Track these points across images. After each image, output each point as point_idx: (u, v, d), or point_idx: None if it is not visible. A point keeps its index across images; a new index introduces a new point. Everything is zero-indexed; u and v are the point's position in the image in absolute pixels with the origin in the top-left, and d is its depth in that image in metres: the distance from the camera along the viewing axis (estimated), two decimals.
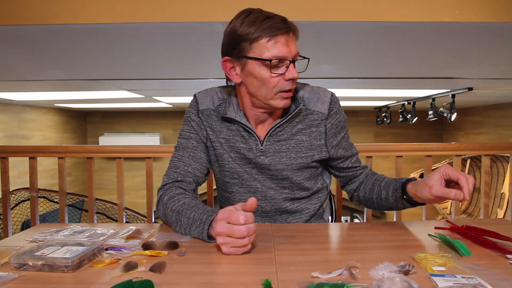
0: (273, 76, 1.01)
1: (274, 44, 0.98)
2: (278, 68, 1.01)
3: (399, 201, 1.09)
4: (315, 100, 1.14)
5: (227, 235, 0.82)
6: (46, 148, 2.23)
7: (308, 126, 1.14)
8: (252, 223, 0.83)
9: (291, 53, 1.01)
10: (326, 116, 1.14)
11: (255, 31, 0.98)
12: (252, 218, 0.83)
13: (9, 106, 5.14)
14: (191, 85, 3.42)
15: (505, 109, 5.35)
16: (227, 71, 1.07)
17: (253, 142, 1.13)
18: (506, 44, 1.92)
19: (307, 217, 1.20)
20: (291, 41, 1.01)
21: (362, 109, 7.21)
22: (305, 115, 1.14)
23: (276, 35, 0.98)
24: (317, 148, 1.15)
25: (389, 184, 1.12)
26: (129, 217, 4.15)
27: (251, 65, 1.01)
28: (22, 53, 2.09)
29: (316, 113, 1.13)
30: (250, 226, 0.82)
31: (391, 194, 1.11)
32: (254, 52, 1.00)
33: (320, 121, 1.13)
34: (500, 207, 4.56)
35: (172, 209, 1.01)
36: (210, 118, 1.16)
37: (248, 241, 0.82)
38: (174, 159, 1.15)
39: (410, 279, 0.65)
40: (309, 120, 1.14)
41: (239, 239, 0.81)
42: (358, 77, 3.08)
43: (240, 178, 1.16)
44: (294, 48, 1.01)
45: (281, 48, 0.99)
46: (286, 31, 0.99)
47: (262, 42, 0.99)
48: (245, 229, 0.81)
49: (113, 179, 6.92)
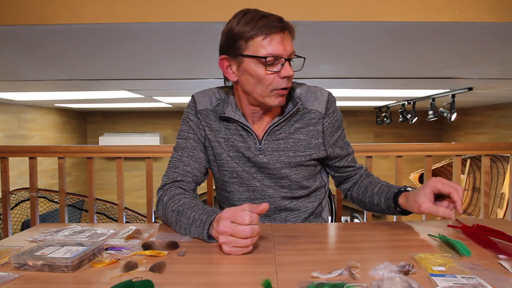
0: (268, 74, 1.02)
1: (270, 42, 1.00)
2: (273, 66, 1.02)
3: (390, 209, 1.12)
4: (312, 99, 1.15)
5: (230, 235, 0.82)
6: (46, 148, 2.23)
7: (305, 125, 1.15)
8: (256, 224, 0.83)
9: (287, 52, 1.01)
10: (323, 115, 1.15)
11: (250, 29, 1.00)
12: (257, 220, 0.83)
13: (9, 106, 5.14)
14: (191, 85, 3.42)
15: (505, 109, 5.35)
16: (224, 69, 1.09)
17: (251, 141, 1.14)
18: (506, 44, 1.92)
19: (305, 215, 1.21)
20: (287, 40, 1.02)
21: (362, 109, 7.21)
22: (303, 114, 1.15)
23: (272, 33, 0.99)
24: (315, 147, 1.16)
25: (382, 192, 1.15)
26: (129, 217, 4.14)
27: (247, 63, 1.03)
28: (22, 53, 2.09)
29: (313, 112, 1.14)
30: (254, 227, 0.82)
31: (383, 202, 1.13)
32: (250, 50, 1.01)
33: (317, 120, 1.15)
34: (500, 207, 4.56)
35: (172, 209, 1.01)
36: (208, 118, 1.17)
37: (251, 242, 0.82)
38: (173, 159, 1.16)
39: (410, 279, 0.65)
40: (307, 119, 1.15)
41: (242, 239, 0.81)
42: (358, 77, 3.08)
43: (239, 177, 1.17)
44: (289, 46, 1.02)
45: (276, 46, 1.00)
46: (282, 30, 1.01)
47: (258, 40, 1.00)
48: (249, 229, 0.81)
49: (113, 179, 6.92)
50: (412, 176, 5.88)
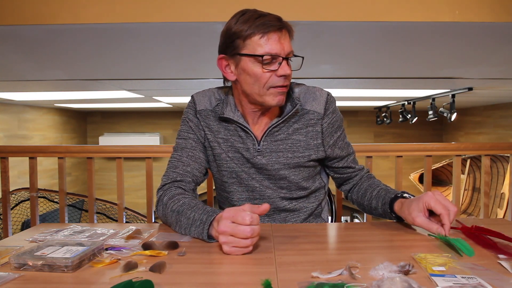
0: (265, 72, 1.02)
1: (267, 40, 0.99)
2: (270, 64, 1.02)
3: (387, 215, 1.11)
4: (311, 99, 1.14)
5: (231, 234, 0.82)
6: (46, 148, 2.23)
7: (304, 126, 1.14)
8: (257, 225, 0.83)
9: (284, 51, 1.01)
10: (322, 116, 1.14)
11: (248, 28, 1.00)
12: (257, 220, 0.83)
13: (9, 106, 5.14)
14: (191, 85, 3.42)
15: (505, 109, 5.35)
16: (223, 69, 1.09)
17: (250, 142, 1.13)
18: (506, 44, 1.92)
19: (305, 215, 1.21)
20: (284, 39, 1.02)
21: (362, 109, 7.21)
22: (301, 114, 1.14)
23: (269, 32, 0.99)
24: (314, 148, 1.15)
25: (380, 196, 1.14)
26: (129, 217, 4.15)
27: (245, 61, 1.03)
28: (22, 53, 2.09)
29: (312, 113, 1.14)
30: (254, 228, 0.82)
31: (380, 206, 1.13)
32: (247, 49, 1.01)
33: (316, 121, 1.14)
34: (500, 207, 4.56)
35: (172, 209, 1.01)
36: (207, 118, 1.17)
37: (251, 242, 0.82)
38: (173, 159, 1.16)
39: (410, 279, 0.65)
40: (305, 120, 1.14)
41: (242, 240, 0.81)
42: (358, 77, 3.08)
43: (238, 178, 1.17)
44: (287, 46, 1.02)
45: (273, 45, 1.00)
46: (279, 29, 1.01)
47: (255, 39, 1.00)
48: (249, 229, 0.81)
49: (113, 179, 6.92)
50: (412, 176, 5.88)
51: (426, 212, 0.96)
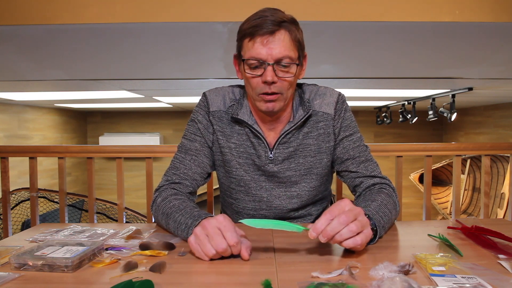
0: (251, 77, 0.99)
1: (253, 44, 0.96)
2: (256, 69, 0.98)
3: None
4: (321, 100, 1.11)
5: (198, 244, 0.80)
6: (46, 148, 2.23)
7: (314, 129, 1.10)
8: (220, 255, 0.80)
9: (272, 55, 0.95)
10: (333, 116, 1.10)
11: (244, 30, 0.98)
12: (227, 253, 0.79)
13: (9, 106, 5.13)
14: (191, 85, 3.42)
15: (505, 109, 5.35)
16: (236, 67, 1.07)
17: (262, 149, 1.09)
18: (506, 44, 1.92)
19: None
20: (276, 43, 0.95)
21: (362, 109, 7.21)
22: (311, 116, 1.10)
23: (256, 35, 0.95)
24: (326, 151, 1.11)
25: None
26: (129, 217, 4.14)
27: (242, 63, 1.01)
28: (22, 53, 2.09)
29: (321, 114, 1.10)
30: (219, 254, 0.79)
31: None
32: (243, 51, 1.00)
33: (327, 122, 1.10)
34: (500, 207, 4.56)
35: (163, 212, 1.00)
36: (221, 121, 1.11)
37: (212, 256, 0.79)
38: (176, 160, 1.13)
39: (410, 279, 0.65)
40: (315, 122, 1.10)
41: (204, 252, 0.79)
42: (358, 77, 3.08)
43: (246, 186, 1.13)
44: (278, 51, 0.95)
45: (258, 50, 0.95)
46: (270, 32, 0.94)
47: (246, 42, 0.98)
48: (213, 253, 0.78)
49: (113, 179, 6.92)
50: (412, 176, 5.88)
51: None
